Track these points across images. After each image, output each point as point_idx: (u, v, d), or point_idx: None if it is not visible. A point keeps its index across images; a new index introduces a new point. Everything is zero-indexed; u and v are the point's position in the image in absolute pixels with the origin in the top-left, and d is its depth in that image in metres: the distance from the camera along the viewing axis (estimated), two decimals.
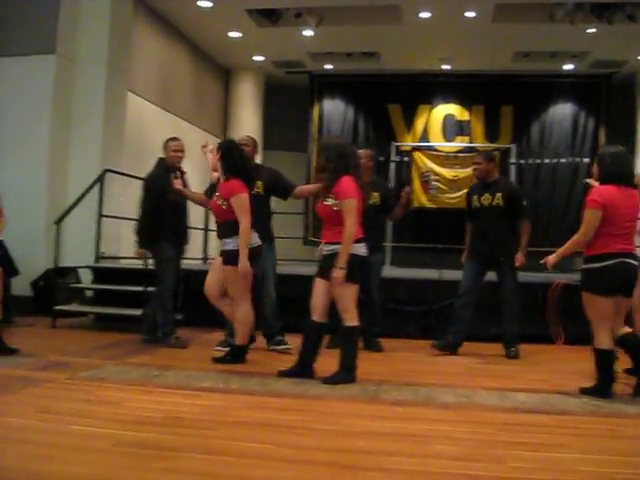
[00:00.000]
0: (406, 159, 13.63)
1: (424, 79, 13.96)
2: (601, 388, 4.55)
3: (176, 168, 6.47)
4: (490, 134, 13.61)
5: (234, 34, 12.22)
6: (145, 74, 11.22)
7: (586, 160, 13.11)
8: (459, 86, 13.81)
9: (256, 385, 4.74)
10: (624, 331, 4.71)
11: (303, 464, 3.08)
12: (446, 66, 13.63)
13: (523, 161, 13.37)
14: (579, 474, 3.02)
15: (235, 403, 4.21)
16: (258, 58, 13.73)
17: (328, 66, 13.92)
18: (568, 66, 13.17)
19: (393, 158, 12.77)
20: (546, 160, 13.55)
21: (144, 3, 10.84)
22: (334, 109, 14.44)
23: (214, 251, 8.25)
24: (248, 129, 12.82)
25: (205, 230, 10.28)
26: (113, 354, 5.91)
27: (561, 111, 13.67)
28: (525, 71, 13.33)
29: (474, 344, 6.54)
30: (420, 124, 13.93)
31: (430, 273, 8.40)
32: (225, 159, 5.41)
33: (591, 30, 11.01)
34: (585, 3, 10.24)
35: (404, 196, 6.41)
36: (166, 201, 6.32)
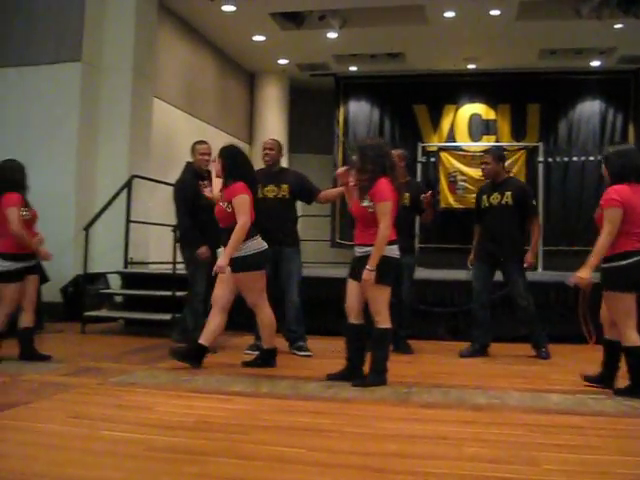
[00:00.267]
0: (433, 160, 13.56)
1: (449, 79, 13.86)
2: (636, 388, 4.48)
3: (204, 171, 6.47)
4: (517, 133, 13.47)
5: (258, 38, 12.25)
6: (170, 80, 11.28)
7: None
8: (485, 85, 13.69)
9: (286, 389, 4.73)
10: None
11: (334, 468, 3.05)
12: (471, 65, 13.51)
13: (551, 159, 13.17)
14: (615, 476, 2.96)
15: (265, 407, 4.20)
16: (282, 61, 13.75)
17: (353, 68, 13.88)
18: (595, 62, 12.96)
19: (420, 159, 12.66)
20: (574, 158, 13.35)
21: (168, 9, 10.89)
22: (359, 111, 14.40)
23: None
24: (273, 132, 12.88)
25: None
26: (143, 359, 5.95)
27: (589, 108, 13.48)
28: (551, 68, 13.14)
29: (504, 345, 6.48)
30: (446, 124, 13.85)
31: (459, 274, 8.32)
32: (227, 164, 5.41)
33: (618, 25, 10.85)
34: None
35: (424, 202, 6.31)
36: (196, 205, 6.32)
